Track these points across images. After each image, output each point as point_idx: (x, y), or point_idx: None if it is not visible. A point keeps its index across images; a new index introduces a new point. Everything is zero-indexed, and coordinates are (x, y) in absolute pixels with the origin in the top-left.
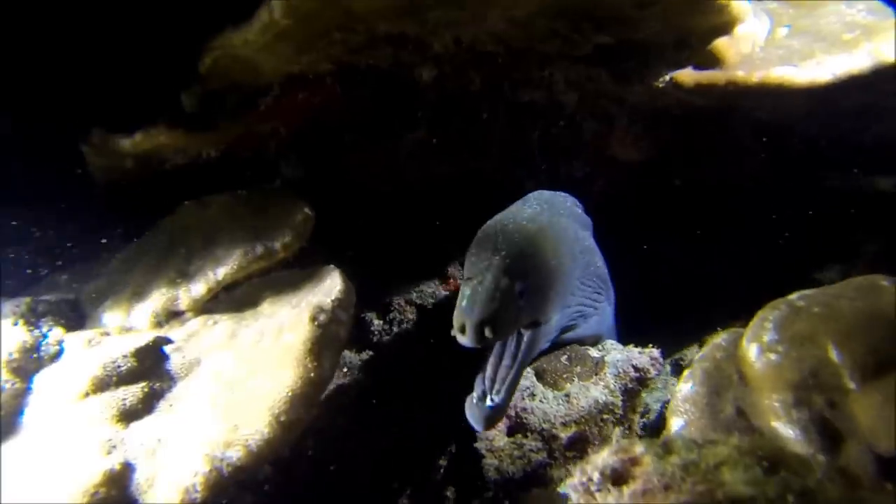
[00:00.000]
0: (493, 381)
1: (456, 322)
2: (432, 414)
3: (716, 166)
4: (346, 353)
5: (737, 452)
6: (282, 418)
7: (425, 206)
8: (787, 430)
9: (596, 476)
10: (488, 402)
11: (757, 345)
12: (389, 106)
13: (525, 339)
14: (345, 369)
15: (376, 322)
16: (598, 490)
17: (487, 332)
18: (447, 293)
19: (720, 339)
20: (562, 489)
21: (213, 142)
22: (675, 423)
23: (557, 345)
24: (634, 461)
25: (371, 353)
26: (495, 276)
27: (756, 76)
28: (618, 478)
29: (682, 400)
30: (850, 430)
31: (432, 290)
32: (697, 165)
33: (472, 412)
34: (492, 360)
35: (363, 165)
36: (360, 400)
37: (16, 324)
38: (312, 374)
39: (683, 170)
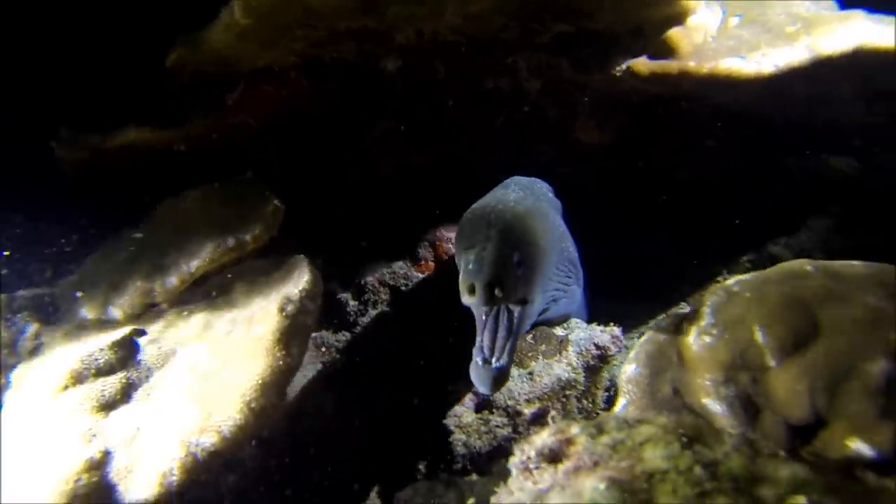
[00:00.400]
0: (491, 349)
1: (464, 285)
2: (406, 392)
3: (676, 149)
4: (324, 332)
5: (661, 430)
6: (253, 405)
7: (397, 193)
8: (714, 407)
9: (533, 455)
10: (495, 364)
11: (695, 328)
12: (357, 96)
13: (516, 313)
14: (322, 349)
15: (352, 303)
16: (536, 468)
17: (497, 292)
18: (419, 274)
19: (661, 319)
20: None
21: (183, 137)
22: (619, 403)
23: (535, 325)
24: (570, 441)
25: (347, 333)
26: (497, 244)
27: (706, 67)
28: (554, 457)
29: (626, 381)
30: (767, 404)
31: (404, 272)
32: (659, 149)
33: (480, 375)
34: (487, 333)
35: (334, 155)
36: (337, 379)
37: None
38: (281, 363)
39: (645, 153)
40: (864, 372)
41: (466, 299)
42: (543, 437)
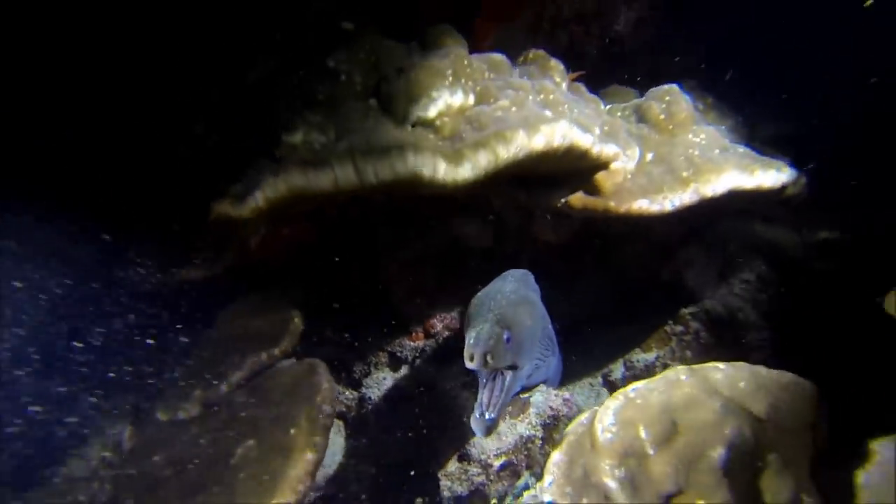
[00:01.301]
0: (487, 405)
1: (466, 353)
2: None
3: (617, 246)
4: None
5: None
6: (298, 487)
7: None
8: (611, 484)
9: None
10: (488, 417)
11: (601, 425)
12: (352, 227)
13: (507, 377)
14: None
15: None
16: None
17: (489, 359)
18: (412, 343)
19: (583, 417)
20: None
21: (223, 271)
22: (546, 480)
23: (523, 388)
24: None
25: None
26: (491, 325)
27: (623, 207)
28: None
29: (553, 464)
30: (648, 482)
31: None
32: (603, 245)
33: (477, 424)
34: (485, 392)
35: (343, 269)
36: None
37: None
38: (310, 456)
39: (594, 249)
40: (708, 456)
41: (468, 364)
42: None
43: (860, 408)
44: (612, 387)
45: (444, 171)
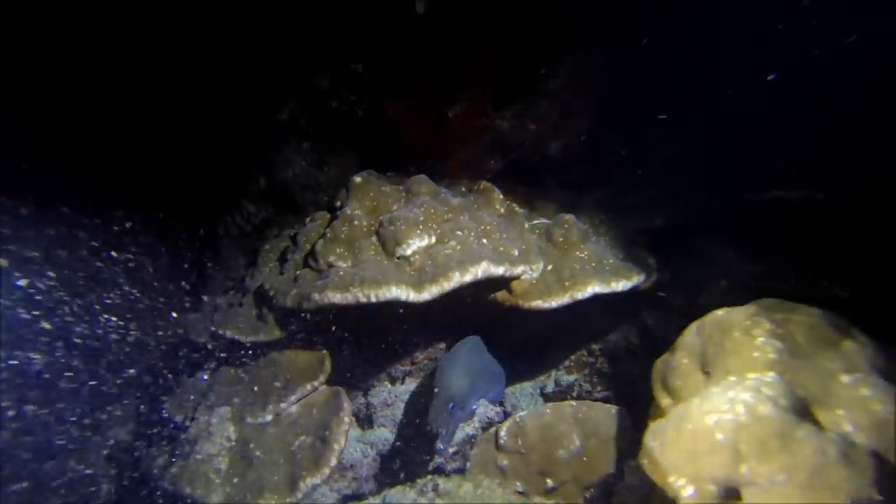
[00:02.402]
0: (441, 434)
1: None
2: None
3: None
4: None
5: (471, 485)
6: (332, 463)
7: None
8: (503, 464)
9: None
10: (439, 446)
11: (499, 437)
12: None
13: (456, 414)
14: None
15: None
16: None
17: (436, 425)
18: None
19: (493, 430)
20: None
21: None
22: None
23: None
24: (436, 486)
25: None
26: (440, 405)
27: (526, 305)
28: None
29: (472, 455)
30: (525, 467)
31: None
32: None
33: (436, 448)
34: (444, 435)
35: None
36: None
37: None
38: (337, 447)
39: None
40: (561, 451)
41: (437, 445)
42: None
43: None
44: (545, 397)
45: (413, 296)
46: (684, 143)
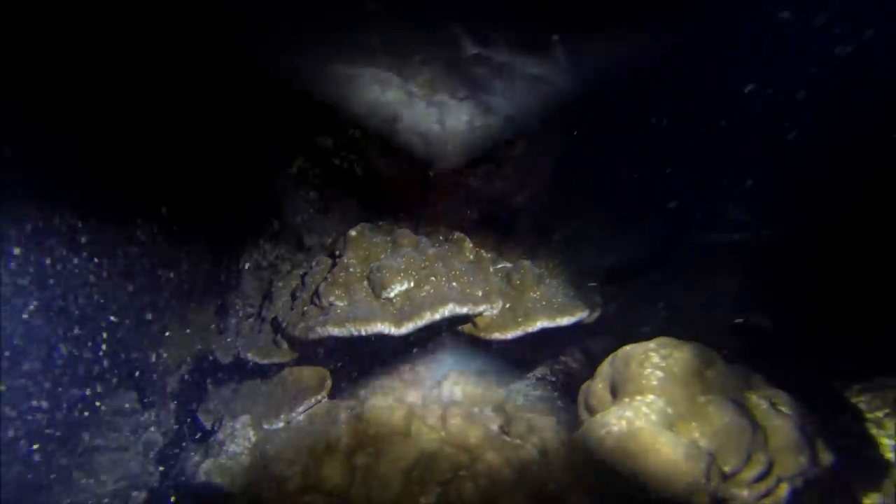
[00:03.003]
0: None
1: None
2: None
3: None
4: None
5: None
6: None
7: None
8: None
9: None
10: None
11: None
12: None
13: None
14: None
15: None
16: None
17: None
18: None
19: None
20: None
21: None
22: None
23: None
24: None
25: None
26: None
27: (488, 336)
28: None
29: None
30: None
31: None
32: None
33: None
34: None
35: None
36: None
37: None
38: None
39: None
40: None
41: None
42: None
43: None
44: None
45: (394, 330)
46: (638, 190)
